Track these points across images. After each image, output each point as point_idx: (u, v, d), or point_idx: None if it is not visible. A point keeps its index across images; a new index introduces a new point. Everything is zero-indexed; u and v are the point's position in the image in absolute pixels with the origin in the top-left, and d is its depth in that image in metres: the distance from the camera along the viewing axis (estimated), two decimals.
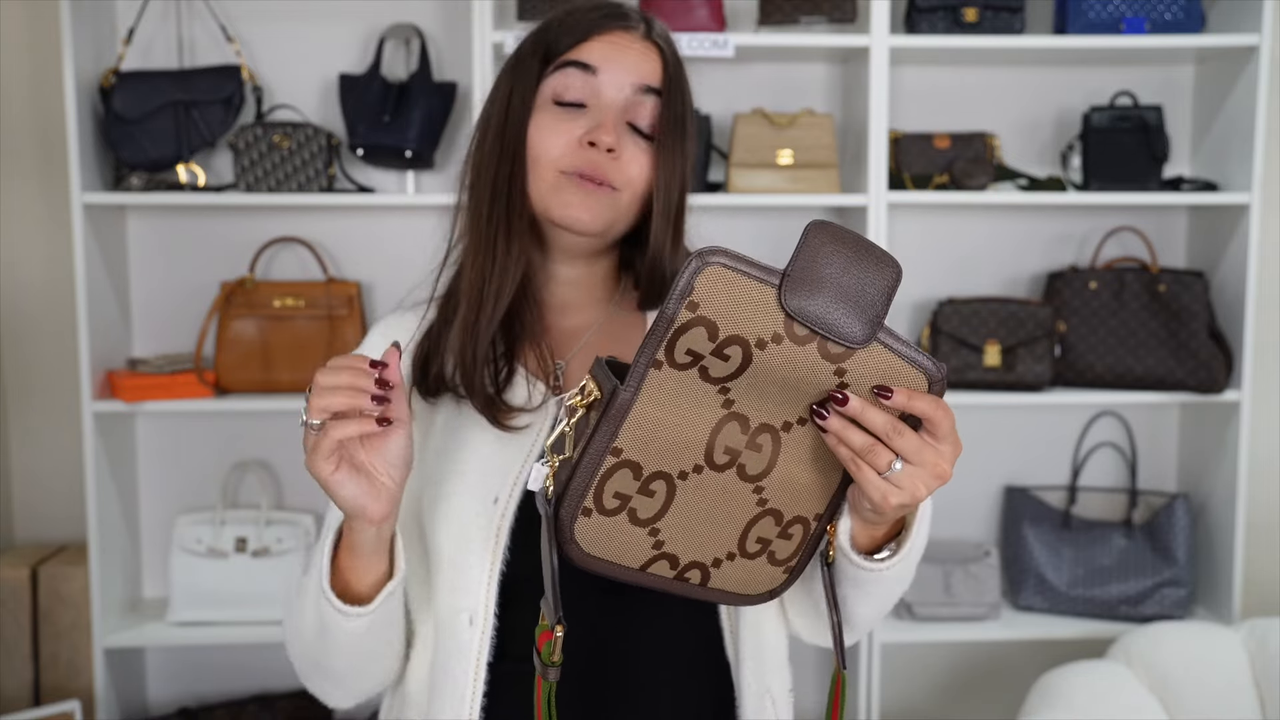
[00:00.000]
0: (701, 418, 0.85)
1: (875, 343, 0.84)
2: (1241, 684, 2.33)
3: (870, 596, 1.05)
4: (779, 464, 0.89)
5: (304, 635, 1.09)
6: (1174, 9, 2.55)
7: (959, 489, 2.86)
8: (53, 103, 2.61)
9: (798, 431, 0.88)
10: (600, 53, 1.09)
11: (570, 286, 1.19)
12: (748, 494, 0.90)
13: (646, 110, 1.11)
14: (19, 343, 2.72)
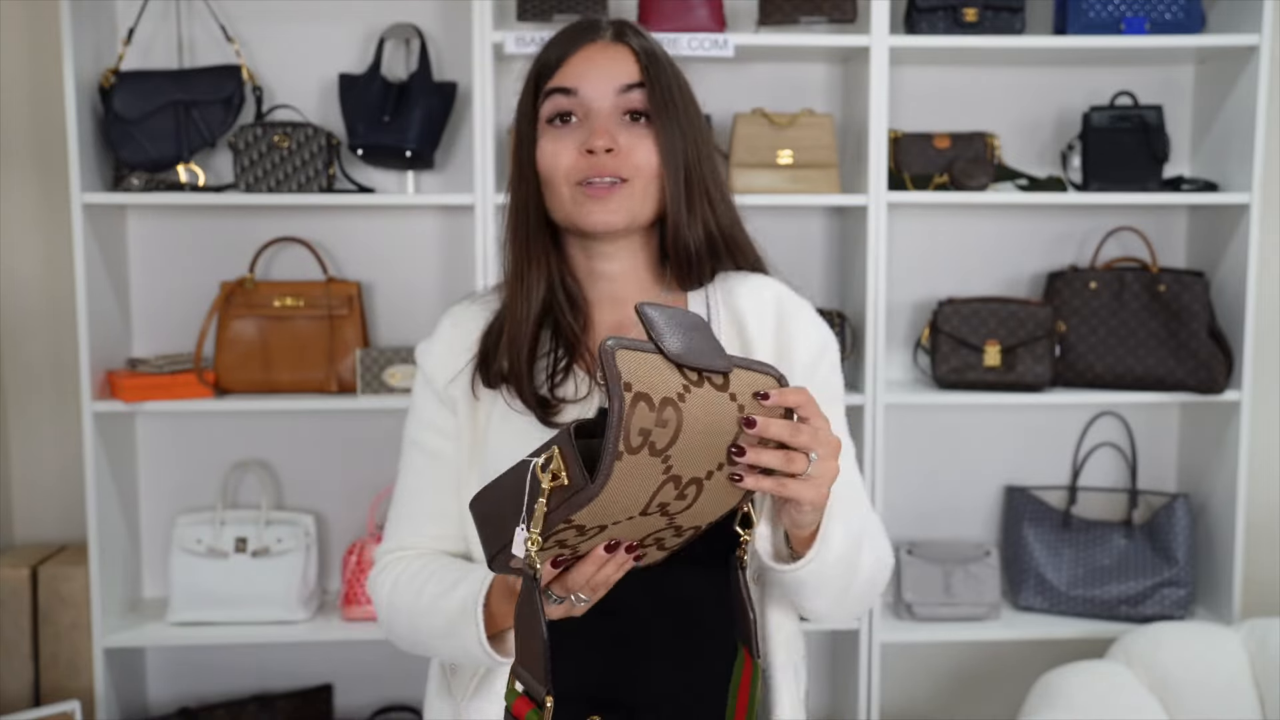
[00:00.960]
0: (645, 487, 0.97)
1: (734, 367, 0.99)
2: (1241, 684, 2.33)
3: (815, 592, 1.14)
4: (696, 503, 1.02)
5: (430, 641, 1.22)
6: (1174, 9, 2.55)
7: (959, 489, 2.86)
8: (53, 103, 2.61)
9: (715, 477, 1.00)
10: (576, 72, 1.20)
11: (616, 282, 1.27)
12: (663, 522, 1.03)
13: (635, 101, 1.20)
14: (19, 343, 2.72)
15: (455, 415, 1.28)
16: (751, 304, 1.26)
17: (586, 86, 1.19)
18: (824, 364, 1.26)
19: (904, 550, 2.71)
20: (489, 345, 1.25)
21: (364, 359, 2.56)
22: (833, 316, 2.61)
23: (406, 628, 1.26)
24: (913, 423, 2.84)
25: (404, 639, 1.28)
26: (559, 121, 1.20)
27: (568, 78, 1.20)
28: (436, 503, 1.30)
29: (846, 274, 2.72)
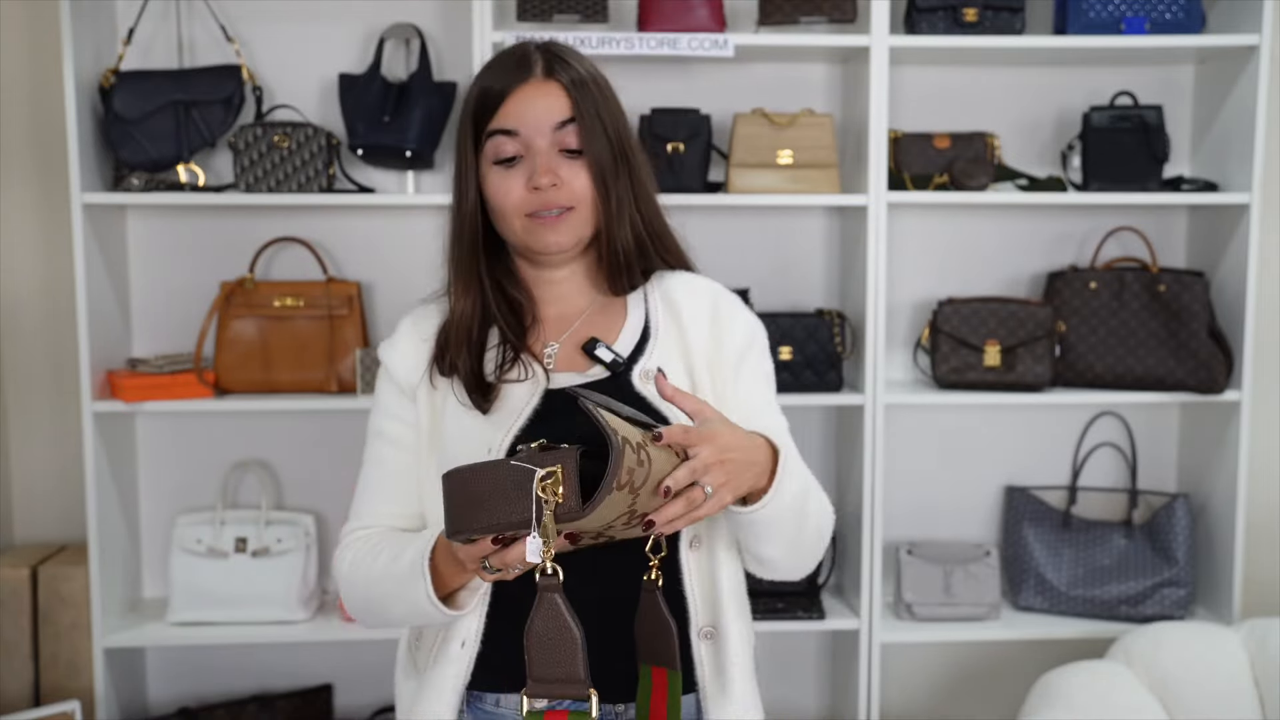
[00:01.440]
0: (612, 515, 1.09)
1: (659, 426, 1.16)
2: (1241, 684, 2.33)
3: (770, 538, 1.28)
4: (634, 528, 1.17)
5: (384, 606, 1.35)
6: (1174, 9, 2.55)
7: (959, 489, 2.86)
8: (53, 103, 2.61)
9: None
10: (515, 114, 1.32)
11: (560, 284, 1.43)
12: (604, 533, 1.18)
13: (569, 136, 1.33)
14: (19, 343, 2.72)
15: (415, 405, 1.41)
16: (687, 300, 1.42)
17: (526, 128, 1.32)
18: (754, 351, 1.42)
19: (904, 550, 2.71)
20: (443, 341, 1.40)
21: (364, 359, 2.56)
22: (833, 316, 2.61)
23: (363, 597, 1.38)
24: (913, 423, 2.84)
25: (362, 610, 1.41)
26: (505, 164, 1.34)
27: (508, 119, 1.32)
28: (397, 485, 1.42)
29: (846, 274, 2.72)
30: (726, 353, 1.39)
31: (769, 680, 2.91)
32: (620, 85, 2.70)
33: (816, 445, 2.83)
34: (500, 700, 1.36)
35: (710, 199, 2.55)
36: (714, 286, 1.46)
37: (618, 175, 1.35)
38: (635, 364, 1.35)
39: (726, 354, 1.39)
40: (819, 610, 2.62)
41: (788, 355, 2.58)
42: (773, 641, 2.87)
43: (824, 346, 2.59)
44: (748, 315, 1.44)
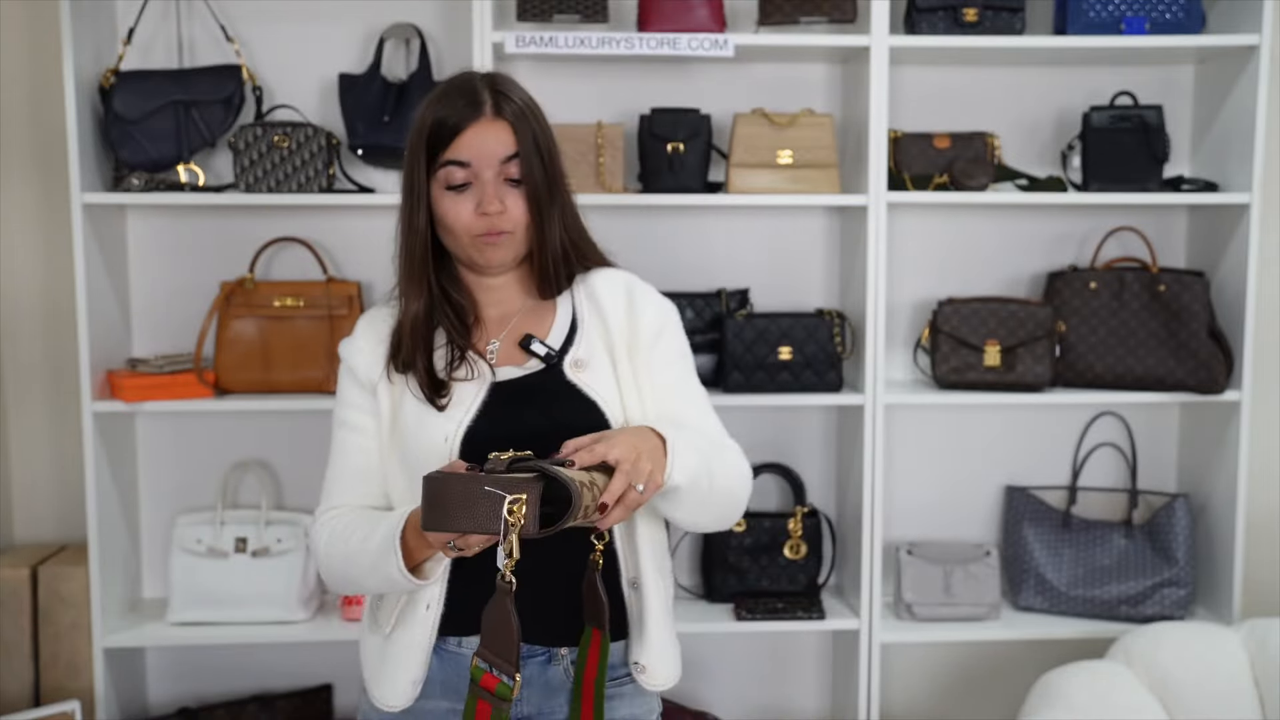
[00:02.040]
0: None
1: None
2: (1241, 684, 2.33)
3: (674, 506, 1.45)
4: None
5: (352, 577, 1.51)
6: (1174, 9, 2.55)
7: (959, 489, 2.86)
8: (53, 103, 2.60)
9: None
10: (468, 147, 1.49)
11: (498, 290, 1.61)
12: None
13: (513, 168, 1.51)
14: (19, 343, 2.72)
15: (374, 398, 1.58)
16: (606, 292, 1.59)
17: (477, 160, 1.50)
18: (667, 331, 1.59)
19: (904, 550, 2.71)
20: (396, 341, 1.58)
21: None
22: (833, 316, 2.61)
23: (341, 572, 1.53)
24: (913, 423, 2.84)
25: (340, 581, 1.56)
26: (456, 190, 1.52)
27: (461, 151, 1.50)
28: (363, 471, 1.58)
29: (846, 274, 2.72)
30: (641, 333, 1.57)
31: (769, 680, 2.91)
32: (620, 85, 2.72)
33: (816, 445, 2.83)
34: (463, 642, 1.54)
35: (710, 199, 2.55)
36: (629, 277, 1.63)
37: (550, 200, 1.54)
38: (565, 355, 1.54)
39: (642, 334, 1.56)
40: (819, 610, 2.62)
41: (788, 355, 2.58)
42: (773, 641, 2.87)
43: (824, 346, 2.59)
44: (659, 299, 1.61)
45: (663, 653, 1.56)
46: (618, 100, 2.69)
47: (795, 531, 2.69)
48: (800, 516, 2.70)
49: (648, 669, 1.55)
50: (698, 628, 2.59)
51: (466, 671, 1.44)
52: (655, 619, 1.55)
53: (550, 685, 1.53)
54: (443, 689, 1.54)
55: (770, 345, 2.58)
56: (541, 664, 1.53)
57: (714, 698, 2.87)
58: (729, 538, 2.68)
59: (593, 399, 1.51)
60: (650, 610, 1.54)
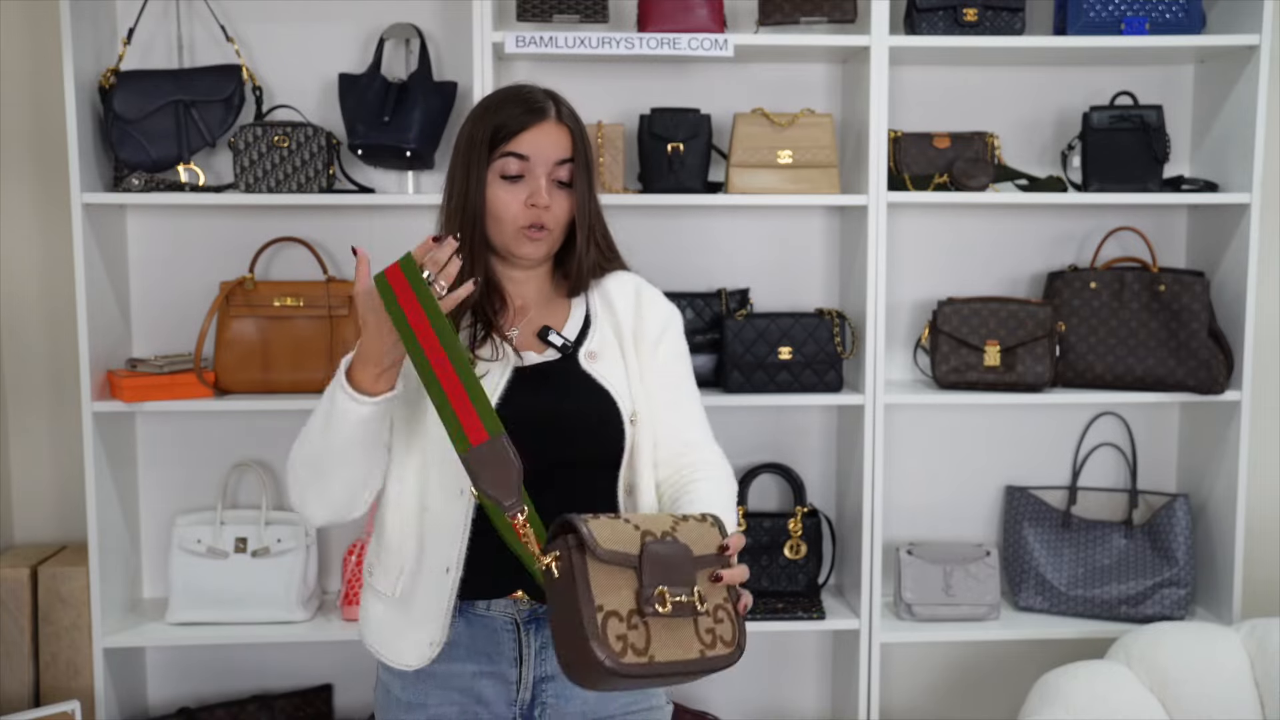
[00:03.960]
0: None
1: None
2: (1241, 684, 2.33)
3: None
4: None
5: (309, 441, 1.53)
6: (1174, 9, 2.55)
7: (959, 489, 2.86)
8: (53, 103, 2.61)
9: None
10: (529, 143, 1.60)
11: (523, 283, 1.70)
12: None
13: (564, 171, 1.63)
14: (19, 343, 2.72)
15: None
16: (618, 292, 1.71)
17: (535, 155, 1.60)
18: (670, 332, 1.71)
19: (904, 550, 2.71)
20: None
21: None
22: (833, 316, 2.61)
23: (303, 460, 1.55)
24: (913, 423, 2.84)
25: (304, 476, 1.56)
26: (511, 180, 1.61)
27: (522, 145, 1.60)
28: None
29: (846, 274, 2.72)
30: (648, 331, 1.69)
31: (769, 680, 2.92)
32: (620, 85, 2.72)
33: (816, 445, 2.83)
34: (491, 605, 1.61)
35: (710, 199, 2.55)
36: (638, 279, 1.75)
37: (589, 210, 1.65)
38: (580, 346, 1.65)
39: (647, 332, 1.69)
40: (819, 610, 2.62)
41: (788, 355, 2.58)
42: (773, 641, 2.87)
43: (824, 346, 2.59)
44: (665, 302, 1.74)
45: None
46: (618, 100, 2.69)
47: (795, 531, 2.69)
48: (800, 516, 2.70)
49: None
50: None
51: (495, 634, 1.60)
52: None
53: None
54: (469, 652, 1.61)
55: (770, 345, 2.58)
56: None
57: (714, 698, 2.87)
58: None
59: (605, 387, 1.62)
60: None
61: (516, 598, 1.60)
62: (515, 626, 1.60)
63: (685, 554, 1.34)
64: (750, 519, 2.70)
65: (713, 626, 1.33)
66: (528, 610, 1.60)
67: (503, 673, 1.61)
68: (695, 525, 1.39)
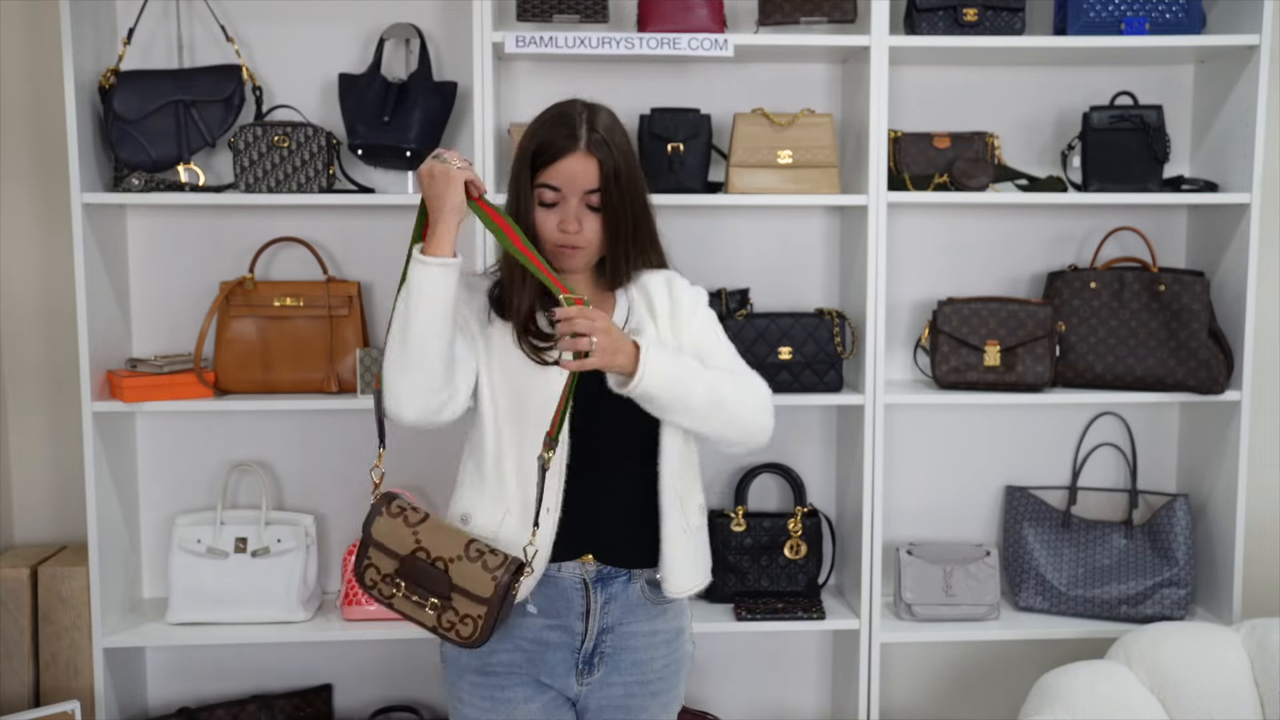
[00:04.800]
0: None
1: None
2: (1241, 684, 2.33)
3: (672, 410, 1.78)
4: None
5: (396, 325, 1.73)
6: (1174, 9, 2.55)
7: (959, 489, 2.86)
8: (53, 103, 2.61)
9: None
10: (560, 175, 1.79)
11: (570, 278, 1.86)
12: None
13: (593, 200, 1.80)
14: (19, 343, 2.72)
15: (478, 319, 1.86)
16: (653, 286, 1.91)
17: (565, 187, 1.79)
18: (700, 309, 1.93)
19: (904, 550, 2.71)
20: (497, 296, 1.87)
21: (364, 359, 2.56)
22: (833, 316, 2.61)
23: (393, 340, 1.74)
24: (913, 423, 2.84)
25: (395, 357, 1.73)
26: (546, 206, 1.81)
27: (554, 178, 1.79)
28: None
29: (846, 274, 2.72)
30: (682, 305, 1.90)
31: (769, 680, 2.91)
32: (620, 85, 2.72)
33: (816, 445, 2.83)
34: (561, 567, 1.82)
35: (710, 199, 2.55)
36: (670, 274, 1.94)
37: (623, 217, 1.81)
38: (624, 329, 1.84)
39: (682, 305, 1.90)
40: (819, 610, 2.62)
41: (787, 355, 2.58)
42: (773, 641, 2.87)
43: (824, 346, 2.59)
44: (694, 289, 1.95)
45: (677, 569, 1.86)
46: (618, 100, 2.65)
47: (795, 531, 2.69)
48: (800, 516, 2.70)
49: (666, 580, 1.85)
50: (698, 628, 2.57)
51: (565, 593, 1.82)
52: (672, 543, 1.85)
53: (630, 601, 1.86)
54: (541, 610, 1.82)
55: (770, 345, 2.58)
56: (623, 583, 1.85)
57: (714, 698, 2.87)
58: (729, 538, 2.68)
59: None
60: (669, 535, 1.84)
61: (585, 560, 1.83)
62: (584, 586, 1.83)
63: (443, 579, 1.70)
64: (750, 519, 2.70)
65: (454, 621, 1.70)
66: (594, 571, 1.83)
67: (569, 625, 1.83)
68: (473, 568, 1.70)
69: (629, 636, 1.86)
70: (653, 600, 1.88)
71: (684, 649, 1.96)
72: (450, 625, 1.71)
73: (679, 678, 1.95)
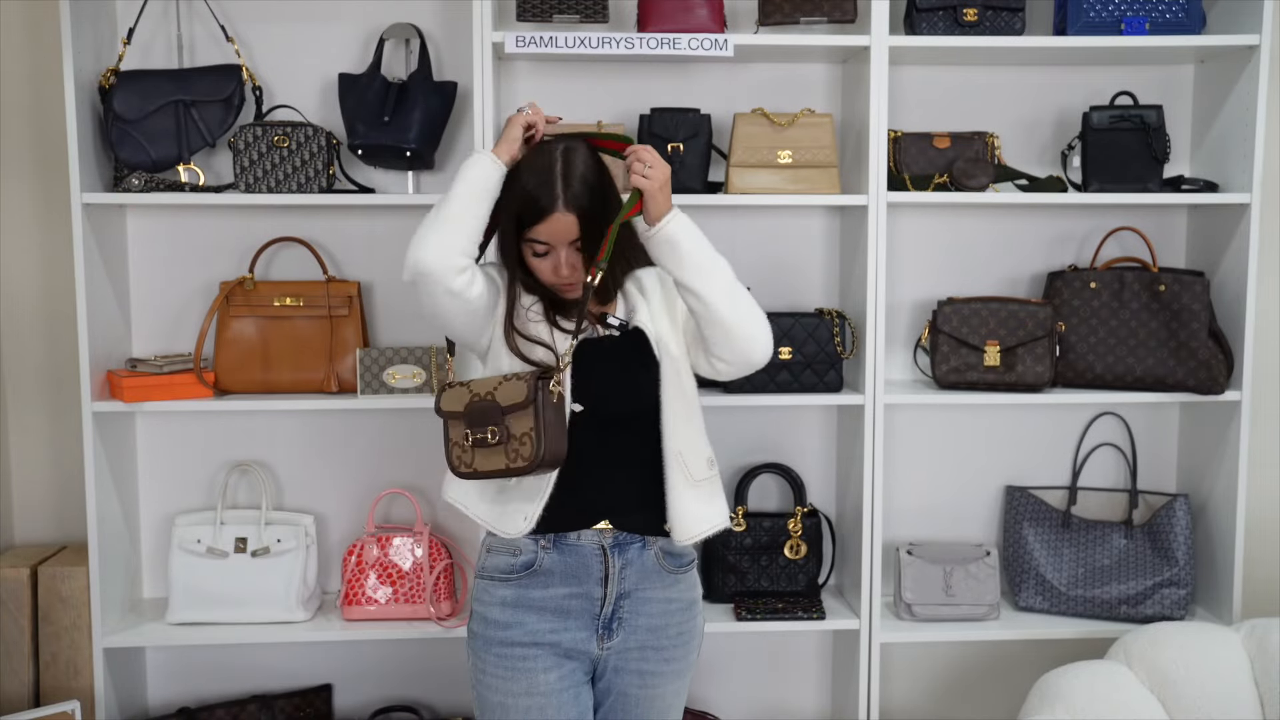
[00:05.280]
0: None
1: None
2: (1241, 684, 2.33)
3: (695, 269, 1.88)
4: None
5: (442, 201, 1.88)
6: (1174, 9, 2.55)
7: (959, 489, 2.86)
8: (53, 103, 2.61)
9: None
10: (546, 232, 1.89)
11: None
12: None
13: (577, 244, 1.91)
14: (19, 343, 2.72)
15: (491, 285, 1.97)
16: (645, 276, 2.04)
17: (552, 240, 1.90)
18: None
19: (904, 550, 2.71)
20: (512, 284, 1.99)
21: (364, 359, 2.56)
22: (833, 316, 2.61)
23: (433, 214, 1.88)
24: (913, 423, 2.84)
25: (431, 222, 1.87)
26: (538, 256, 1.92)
27: (541, 234, 1.90)
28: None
29: (846, 274, 2.72)
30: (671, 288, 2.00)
31: (769, 680, 2.91)
32: (620, 85, 2.72)
33: (816, 445, 2.83)
34: (580, 535, 1.93)
35: (710, 199, 2.55)
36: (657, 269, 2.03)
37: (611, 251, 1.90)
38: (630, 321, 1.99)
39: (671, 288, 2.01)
40: (819, 610, 2.62)
41: (787, 355, 2.58)
42: (773, 641, 2.87)
43: (824, 346, 2.59)
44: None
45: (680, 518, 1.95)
46: (618, 100, 2.69)
47: (795, 531, 2.69)
48: (800, 516, 2.70)
49: (674, 529, 1.94)
50: None
51: (585, 560, 1.92)
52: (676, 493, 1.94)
53: (645, 567, 1.95)
54: (562, 578, 1.92)
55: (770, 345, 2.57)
56: (639, 550, 1.95)
57: (714, 698, 2.87)
58: (729, 538, 2.68)
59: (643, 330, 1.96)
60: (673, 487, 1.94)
61: (602, 528, 1.93)
62: (603, 552, 1.92)
63: (494, 407, 1.84)
64: (750, 519, 2.70)
65: (517, 449, 1.83)
66: (612, 537, 1.93)
67: (589, 592, 1.92)
68: (510, 384, 1.85)
69: (644, 602, 1.95)
70: (667, 569, 1.97)
71: (696, 621, 2.04)
72: (515, 454, 1.83)
73: (691, 648, 2.03)
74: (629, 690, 1.97)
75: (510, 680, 1.91)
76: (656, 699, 1.99)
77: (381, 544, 2.62)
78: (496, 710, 1.92)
